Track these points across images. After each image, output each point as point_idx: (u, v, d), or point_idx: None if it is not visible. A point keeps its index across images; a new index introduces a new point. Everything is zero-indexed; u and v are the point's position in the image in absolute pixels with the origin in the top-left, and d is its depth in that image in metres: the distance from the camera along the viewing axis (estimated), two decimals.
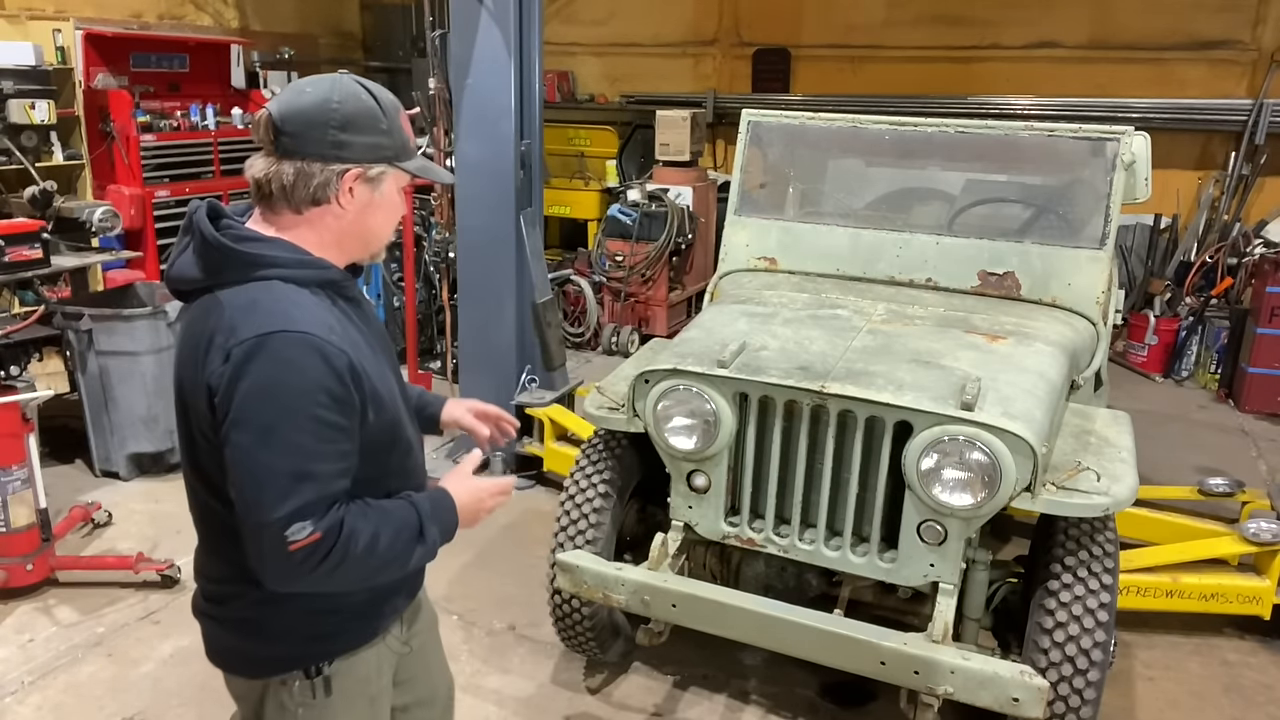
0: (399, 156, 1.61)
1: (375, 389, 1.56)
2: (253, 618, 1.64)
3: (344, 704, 1.71)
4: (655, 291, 7.50)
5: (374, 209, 1.61)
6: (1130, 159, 3.38)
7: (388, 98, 1.63)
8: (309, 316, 1.49)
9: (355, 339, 1.57)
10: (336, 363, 1.47)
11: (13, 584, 3.74)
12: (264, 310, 1.47)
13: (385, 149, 1.59)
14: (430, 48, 5.01)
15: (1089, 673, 2.51)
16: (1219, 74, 7.82)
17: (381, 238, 1.67)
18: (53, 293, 5.13)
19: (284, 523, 1.43)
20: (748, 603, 2.64)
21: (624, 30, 9.86)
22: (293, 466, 1.44)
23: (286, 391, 1.44)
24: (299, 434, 1.44)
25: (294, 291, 1.52)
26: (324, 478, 1.47)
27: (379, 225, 1.64)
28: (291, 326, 1.46)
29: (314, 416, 1.45)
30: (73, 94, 7.14)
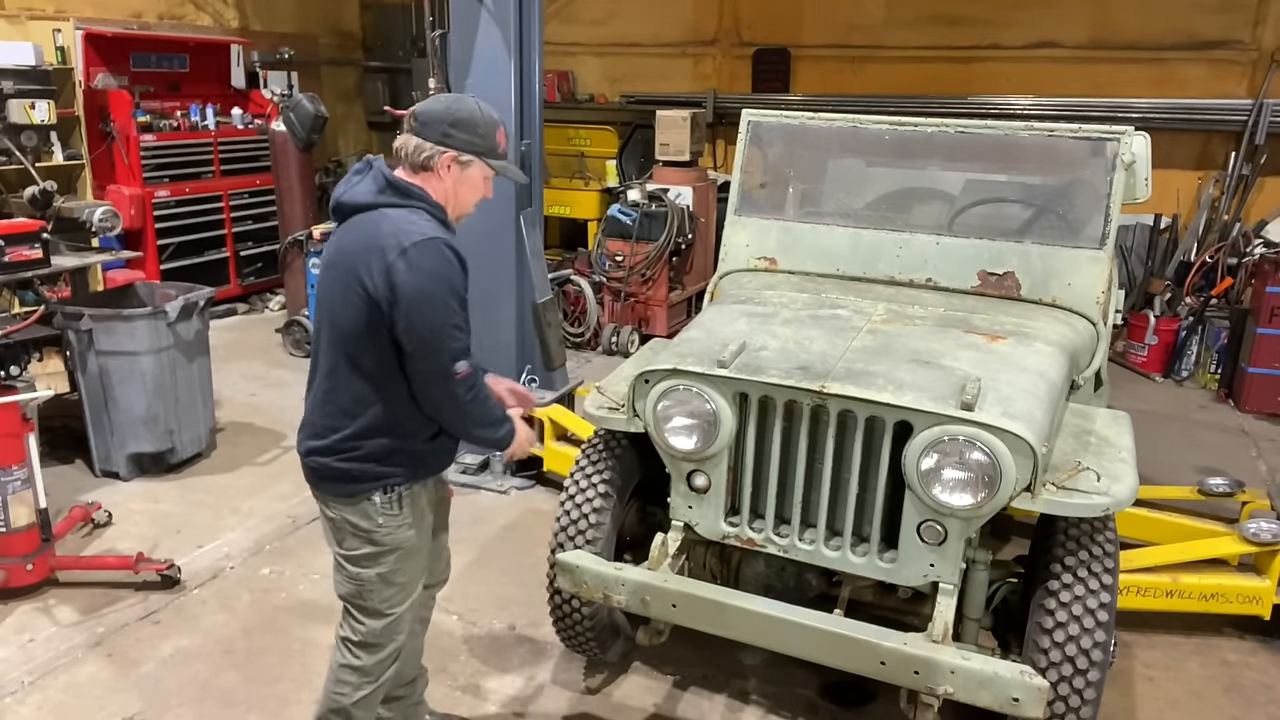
0: (487, 154, 2.34)
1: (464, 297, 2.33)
2: (358, 453, 2.35)
3: (408, 517, 2.44)
4: (655, 291, 7.50)
5: (462, 184, 2.35)
6: (1130, 159, 3.38)
7: (490, 116, 2.35)
8: (440, 231, 2.25)
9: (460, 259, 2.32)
10: (461, 258, 2.25)
11: (13, 584, 3.74)
12: (420, 225, 2.23)
13: (477, 145, 2.32)
14: (430, 48, 5.02)
15: (1089, 673, 2.51)
16: (1219, 74, 7.83)
17: (465, 206, 2.40)
18: (53, 293, 5.13)
19: (451, 358, 2.22)
20: (748, 603, 2.64)
21: (624, 30, 9.86)
22: (451, 322, 2.21)
23: (440, 275, 2.19)
24: (454, 301, 2.22)
25: (430, 218, 2.28)
26: (465, 331, 2.24)
27: (465, 196, 2.38)
28: (439, 234, 2.23)
29: (457, 292, 2.22)
30: (73, 94, 7.15)
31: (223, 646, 3.54)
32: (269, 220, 8.11)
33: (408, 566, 2.50)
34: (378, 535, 2.42)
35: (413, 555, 2.50)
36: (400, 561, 2.47)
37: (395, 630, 2.54)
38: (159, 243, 7.57)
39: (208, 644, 3.57)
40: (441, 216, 2.31)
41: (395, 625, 2.53)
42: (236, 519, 4.53)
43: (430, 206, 2.28)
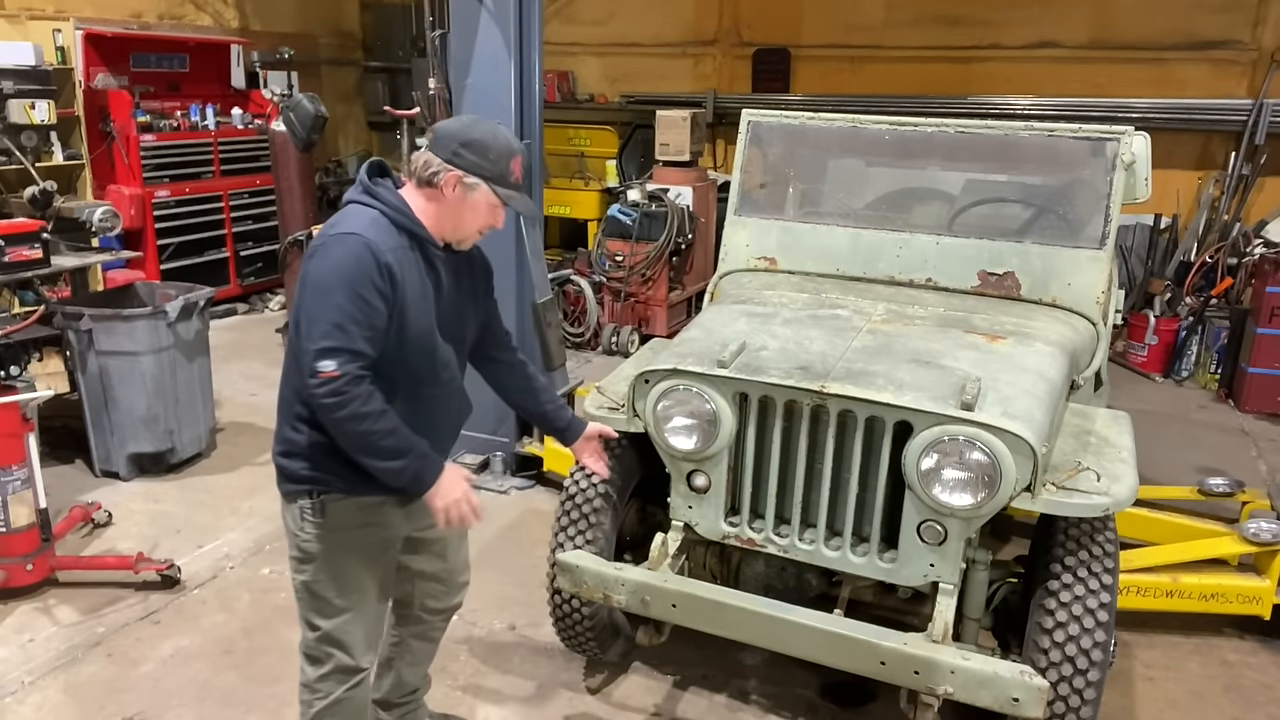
0: (495, 180, 2.22)
1: (407, 305, 2.16)
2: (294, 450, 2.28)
3: (334, 528, 2.30)
4: (655, 291, 7.50)
5: (464, 207, 2.23)
6: (1130, 159, 3.37)
7: (507, 143, 2.25)
8: (375, 232, 2.13)
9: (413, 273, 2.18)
10: (382, 260, 2.09)
11: (13, 584, 3.74)
12: (355, 221, 2.15)
13: (485, 170, 2.21)
14: (430, 48, 5.01)
15: (1089, 673, 2.51)
16: (1219, 74, 7.83)
17: (466, 229, 2.27)
18: (53, 293, 5.13)
19: (318, 356, 2.04)
20: (748, 603, 2.64)
21: (624, 30, 9.86)
22: (332, 320, 2.05)
23: (343, 272, 2.07)
24: (341, 299, 2.05)
25: (381, 220, 2.18)
26: (350, 334, 2.05)
27: (466, 219, 2.26)
28: (362, 232, 2.12)
29: (354, 291, 2.06)
30: (73, 94, 7.15)
31: (223, 646, 3.54)
32: (269, 220, 8.11)
33: (336, 582, 2.35)
34: (299, 540, 2.33)
35: (344, 573, 2.35)
36: (322, 573, 2.33)
37: (332, 645, 2.40)
38: (159, 243, 7.57)
39: (208, 644, 3.57)
40: (406, 224, 2.20)
41: (331, 641, 2.39)
42: (236, 519, 4.53)
43: (394, 212, 2.19)
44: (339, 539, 2.32)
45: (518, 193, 2.26)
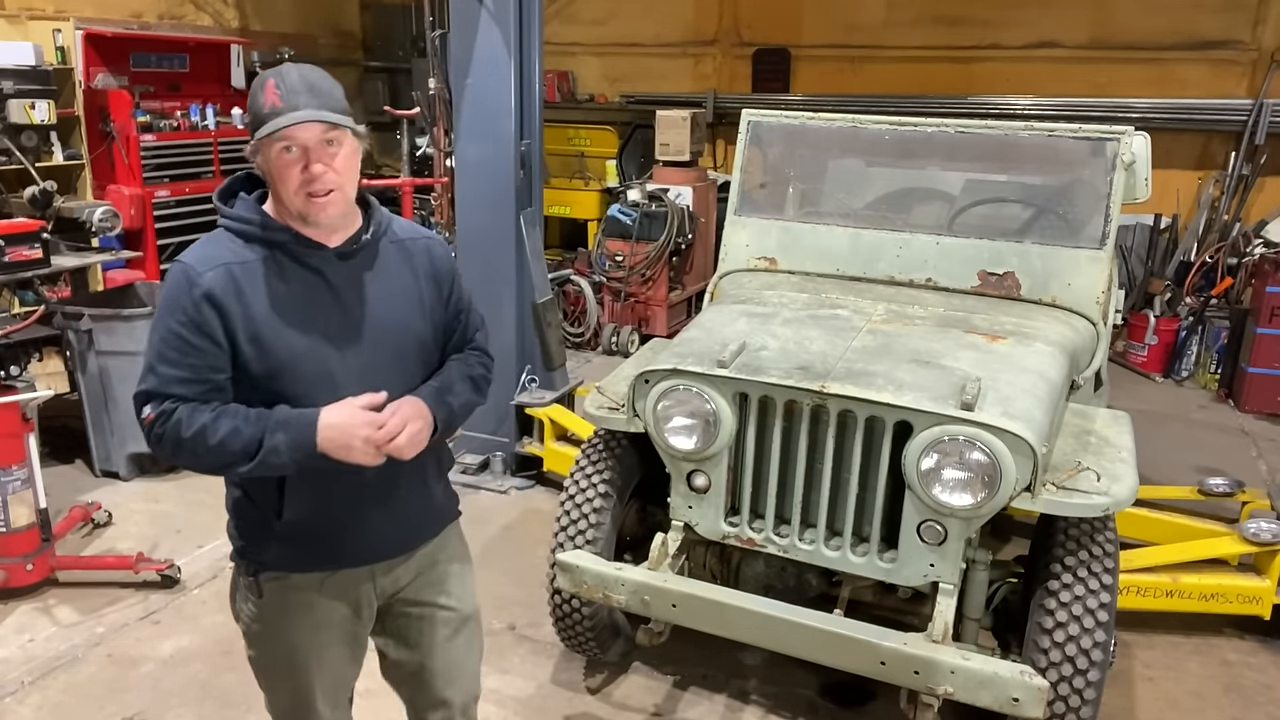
0: (254, 127, 1.78)
1: (260, 325, 1.80)
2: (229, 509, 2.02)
3: (276, 614, 1.99)
4: (655, 291, 7.50)
5: (271, 175, 1.81)
6: (1130, 159, 3.37)
7: (259, 79, 1.81)
8: (205, 253, 1.84)
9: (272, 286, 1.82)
10: (197, 291, 1.77)
11: (13, 584, 3.74)
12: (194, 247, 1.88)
13: (250, 123, 1.81)
14: (430, 48, 5.02)
15: (1089, 673, 2.51)
16: (1219, 74, 7.82)
17: (286, 199, 1.81)
18: (53, 293, 5.13)
19: (136, 401, 1.82)
20: (748, 603, 2.64)
21: (624, 30, 9.85)
22: (149, 359, 1.81)
23: (163, 304, 1.82)
24: (158, 337, 1.80)
25: (225, 237, 1.87)
26: (164, 377, 1.78)
27: (279, 186, 1.81)
28: (186, 258, 1.83)
29: (169, 328, 1.79)
30: (73, 94, 7.14)
31: (223, 646, 3.54)
32: None
33: (271, 668, 2.07)
34: (240, 617, 2.05)
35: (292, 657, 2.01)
36: (260, 654, 2.06)
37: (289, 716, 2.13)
38: (159, 243, 7.55)
39: (208, 644, 3.56)
40: (253, 231, 1.84)
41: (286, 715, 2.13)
42: None
43: (236, 222, 1.86)
44: (282, 623, 1.99)
45: (275, 115, 1.73)
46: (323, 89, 1.78)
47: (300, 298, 1.84)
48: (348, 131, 1.80)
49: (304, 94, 1.75)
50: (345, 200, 1.84)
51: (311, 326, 1.84)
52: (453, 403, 2.00)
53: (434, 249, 2.07)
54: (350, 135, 1.81)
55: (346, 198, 1.85)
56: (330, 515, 1.94)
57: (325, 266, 1.87)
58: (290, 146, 1.75)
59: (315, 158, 1.76)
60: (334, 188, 1.79)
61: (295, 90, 1.75)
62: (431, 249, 2.07)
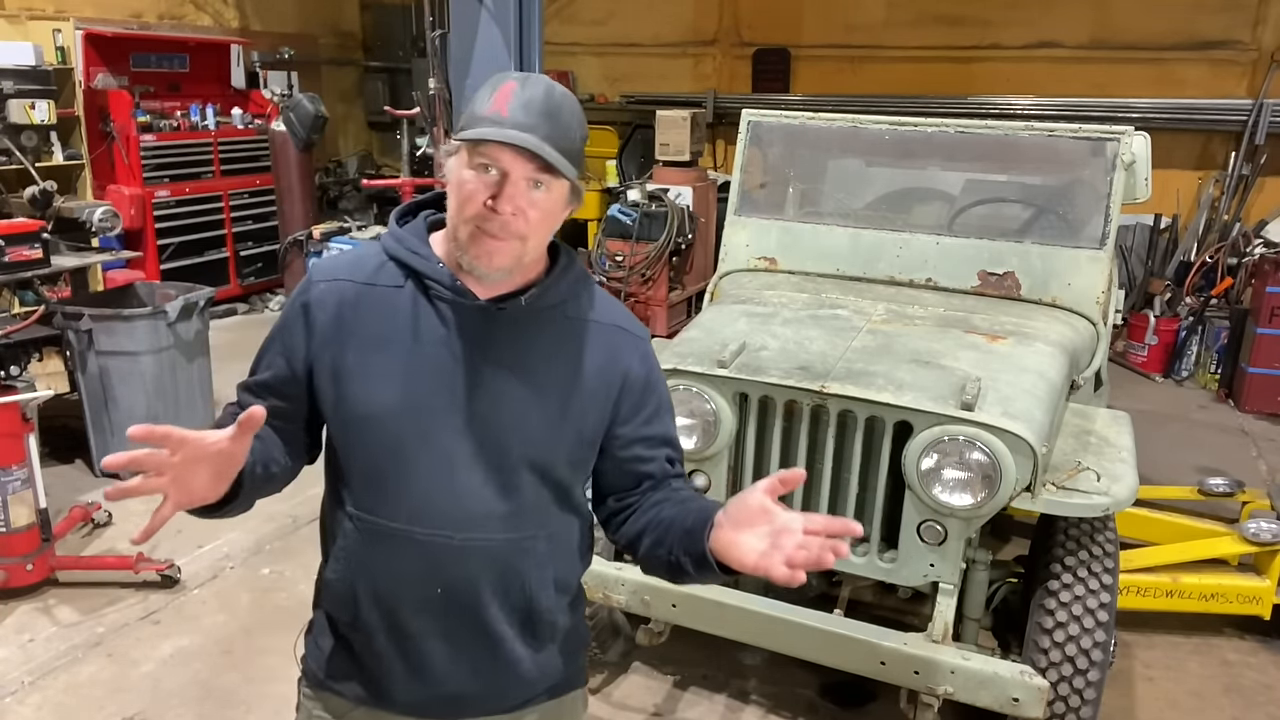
0: (464, 127, 1.39)
1: (344, 369, 1.44)
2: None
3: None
4: (655, 291, 7.50)
5: (451, 188, 1.42)
6: (1130, 159, 3.38)
7: (500, 77, 1.42)
8: (335, 262, 1.54)
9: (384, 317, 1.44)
10: (300, 299, 1.49)
11: (13, 584, 3.74)
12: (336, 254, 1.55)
13: (462, 123, 1.41)
14: (430, 48, 5.02)
15: (1089, 673, 2.51)
16: (1219, 74, 7.82)
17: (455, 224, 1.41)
18: (53, 293, 5.13)
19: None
20: (748, 603, 2.64)
21: (624, 30, 9.86)
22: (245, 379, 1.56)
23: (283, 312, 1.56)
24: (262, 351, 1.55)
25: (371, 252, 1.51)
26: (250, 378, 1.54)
27: (454, 204, 1.41)
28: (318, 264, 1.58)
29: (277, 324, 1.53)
30: (73, 94, 7.15)
31: (222, 646, 3.54)
32: (269, 220, 8.11)
33: None
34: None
35: None
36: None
37: None
38: (159, 243, 7.56)
39: (208, 644, 3.56)
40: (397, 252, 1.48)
41: None
42: (237, 519, 4.52)
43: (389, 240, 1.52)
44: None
45: (494, 123, 1.35)
46: (563, 122, 1.39)
47: (415, 344, 1.43)
48: (565, 183, 1.41)
49: (540, 116, 1.36)
50: (520, 257, 1.42)
51: (411, 379, 1.43)
52: None
53: (622, 346, 1.54)
54: (566, 187, 1.42)
55: (524, 254, 1.43)
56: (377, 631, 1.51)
57: (462, 320, 1.43)
58: (490, 166, 1.36)
59: (511, 193, 1.36)
60: (517, 237, 1.39)
61: (532, 107, 1.36)
62: (618, 345, 1.53)
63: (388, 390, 1.42)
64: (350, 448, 1.47)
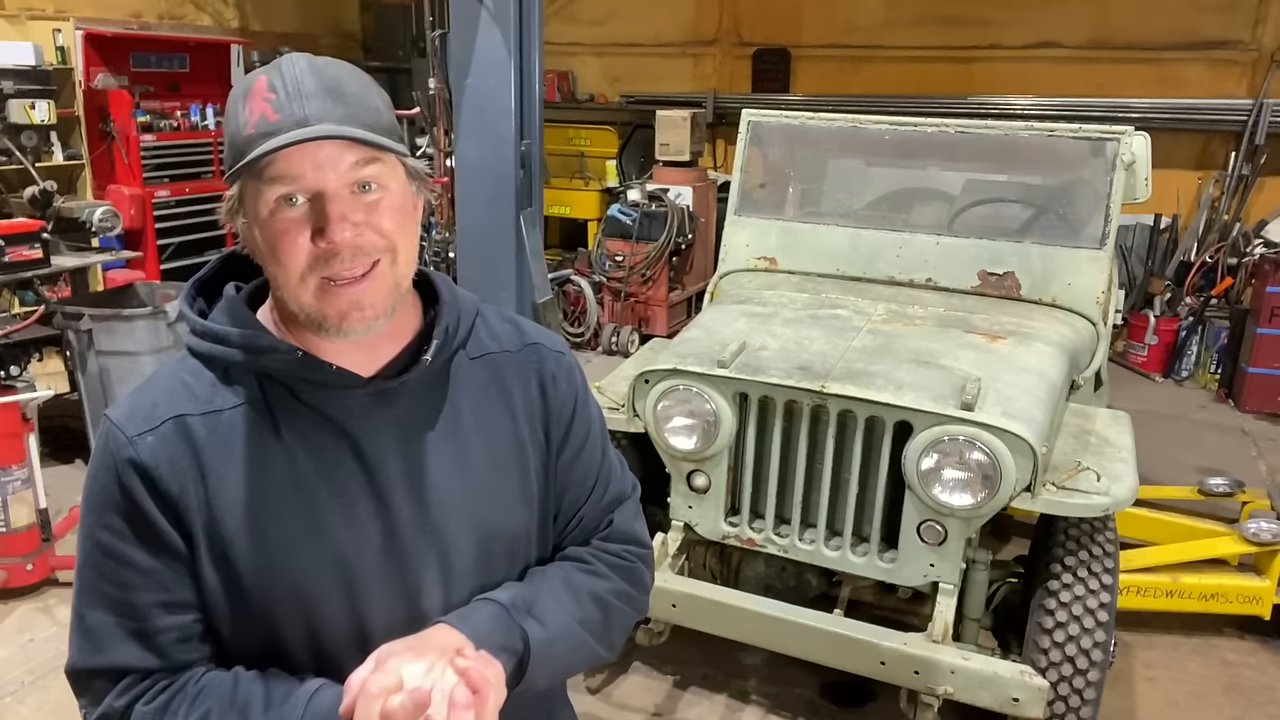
0: (236, 158, 1.01)
1: (228, 540, 1.05)
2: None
3: None
4: (655, 291, 7.50)
5: (263, 249, 1.04)
6: (1130, 159, 3.38)
7: (242, 85, 1.03)
8: (144, 399, 1.08)
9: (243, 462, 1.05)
10: (123, 464, 1.04)
11: (13, 584, 3.74)
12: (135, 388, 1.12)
13: (227, 159, 1.04)
14: (430, 48, 5.02)
15: (1089, 673, 2.51)
16: (1219, 74, 7.82)
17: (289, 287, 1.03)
18: (53, 293, 5.13)
19: (71, 682, 1.08)
20: (748, 603, 2.64)
21: (624, 30, 9.85)
22: (76, 610, 1.07)
23: (83, 500, 1.09)
24: (84, 566, 1.07)
25: (187, 369, 1.10)
26: (98, 635, 1.05)
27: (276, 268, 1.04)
28: (111, 411, 1.08)
29: (94, 539, 1.06)
30: (73, 94, 7.14)
31: None
32: None
33: None
34: None
35: None
36: None
37: None
38: (159, 243, 7.56)
39: None
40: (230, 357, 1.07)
41: None
42: None
43: (204, 340, 1.09)
44: None
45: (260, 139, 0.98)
46: (351, 92, 1.02)
47: (307, 478, 1.07)
48: (397, 161, 1.05)
49: (317, 98, 1.00)
50: (398, 283, 1.07)
51: (321, 533, 1.07)
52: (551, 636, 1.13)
53: (547, 367, 1.24)
54: (401, 171, 1.06)
55: (400, 275, 1.07)
56: None
57: (350, 418, 1.09)
58: (292, 195, 1.00)
59: (340, 211, 1.00)
60: (380, 253, 1.03)
61: (302, 91, 0.99)
62: (543, 367, 1.24)
63: (291, 560, 1.06)
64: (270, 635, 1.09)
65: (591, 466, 1.26)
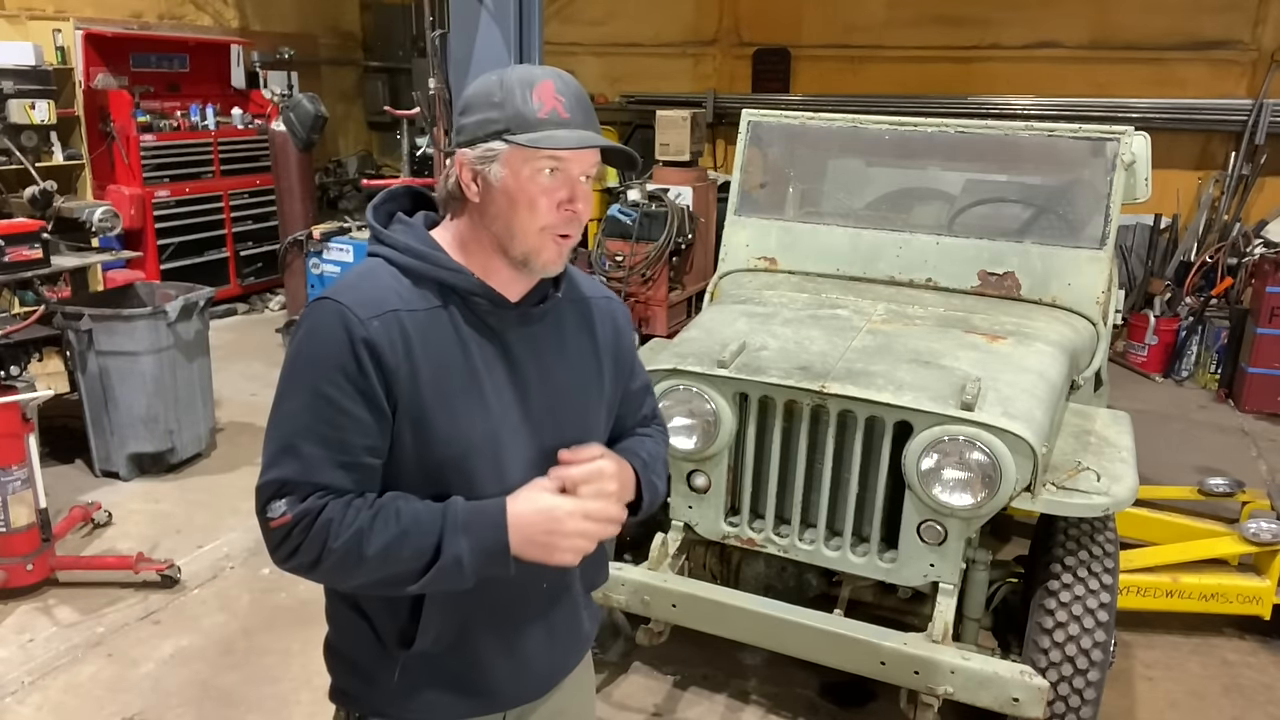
0: (510, 129, 1.34)
1: (426, 401, 1.36)
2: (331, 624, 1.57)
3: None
4: (655, 291, 7.50)
5: (495, 196, 1.38)
6: (1130, 159, 3.38)
7: (522, 72, 1.39)
8: (367, 292, 1.37)
9: (445, 348, 1.38)
10: (359, 343, 1.32)
11: (13, 584, 3.74)
12: (340, 279, 1.44)
13: (494, 123, 1.35)
14: (430, 48, 5.02)
15: (1089, 673, 2.51)
16: (1219, 74, 7.83)
17: (518, 234, 1.38)
18: (53, 293, 5.13)
19: (264, 494, 1.35)
20: (748, 603, 2.64)
21: (624, 30, 9.86)
22: (282, 439, 1.35)
23: (302, 359, 1.37)
24: (298, 404, 1.35)
25: (388, 273, 1.40)
26: (311, 461, 1.33)
27: (506, 216, 1.38)
28: (338, 296, 1.36)
29: (317, 391, 1.33)
30: (73, 94, 7.15)
31: (223, 647, 3.54)
32: (269, 220, 8.11)
33: None
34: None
35: None
36: None
37: None
38: (159, 243, 7.57)
39: (208, 644, 3.56)
40: (427, 270, 1.41)
41: None
42: (236, 519, 4.53)
43: (404, 255, 1.42)
44: None
45: (561, 128, 1.35)
46: (592, 111, 1.42)
47: (468, 369, 1.40)
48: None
49: (582, 113, 1.39)
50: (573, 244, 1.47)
51: (487, 409, 1.42)
52: (657, 483, 1.59)
53: (618, 315, 1.64)
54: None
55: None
56: (471, 643, 1.48)
57: (507, 329, 1.45)
58: (556, 170, 1.36)
59: (584, 191, 1.40)
60: (583, 226, 1.44)
61: (581, 102, 1.40)
62: (615, 315, 1.63)
63: (470, 427, 1.40)
64: (439, 487, 1.40)
65: (643, 382, 1.72)
